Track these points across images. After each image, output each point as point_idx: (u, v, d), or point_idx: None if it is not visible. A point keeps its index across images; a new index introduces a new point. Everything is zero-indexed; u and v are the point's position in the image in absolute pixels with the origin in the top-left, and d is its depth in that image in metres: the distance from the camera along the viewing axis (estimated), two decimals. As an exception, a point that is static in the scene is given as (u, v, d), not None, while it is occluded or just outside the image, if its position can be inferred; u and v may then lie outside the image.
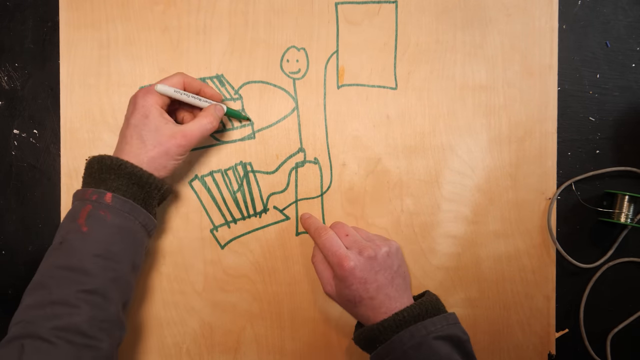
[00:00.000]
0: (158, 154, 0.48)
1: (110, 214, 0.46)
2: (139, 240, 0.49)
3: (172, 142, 0.48)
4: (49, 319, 0.41)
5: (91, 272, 0.44)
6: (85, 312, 0.43)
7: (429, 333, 0.45)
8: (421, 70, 0.57)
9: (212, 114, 0.51)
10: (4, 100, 0.59)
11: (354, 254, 0.48)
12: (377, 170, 0.58)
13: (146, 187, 0.48)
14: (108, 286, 0.45)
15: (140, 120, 0.48)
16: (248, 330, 0.58)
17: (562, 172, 0.58)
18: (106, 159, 0.47)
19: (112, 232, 0.46)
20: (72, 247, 0.45)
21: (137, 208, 0.48)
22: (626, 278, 0.59)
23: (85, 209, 0.46)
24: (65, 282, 0.43)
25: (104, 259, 0.45)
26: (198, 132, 0.49)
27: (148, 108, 0.48)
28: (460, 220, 0.58)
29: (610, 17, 0.58)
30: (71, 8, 0.57)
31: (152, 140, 0.48)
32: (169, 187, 0.51)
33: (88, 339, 0.42)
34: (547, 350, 0.58)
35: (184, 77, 0.51)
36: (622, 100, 0.58)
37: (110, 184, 0.47)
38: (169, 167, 0.49)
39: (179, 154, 0.49)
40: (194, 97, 0.52)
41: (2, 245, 0.60)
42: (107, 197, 0.46)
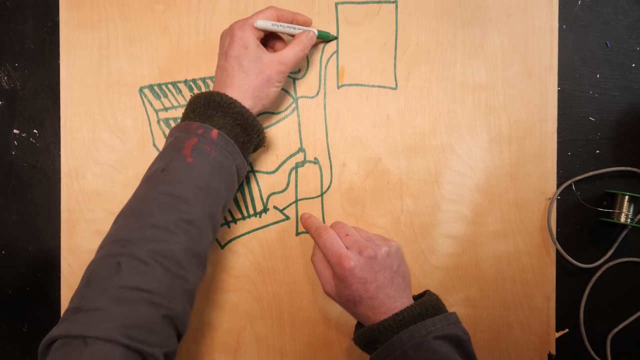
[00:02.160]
0: (261, 82, 0.49)
1: (214, 150, 0.46)
2: (233, 183, 0.49)
3: (273, 69, 0.49)
4: (149, 242, 0.41)
5: (192, 203, 0.44)
6: (182, 241, 0.42)
7: (429, 333, 0.45)
8: (421, 70, 0.57)
9: (304, 41, 0.52)
10: (4, 100, 0.59)
11: (353, 254, 0.48)
12: (377, 170, 0.58)
13: (248, 130, 0.48)
14: (205, 220, 0.45)
15: (239, 51, 0.49)
16: (248, 330, 0.58)
17: (562, 172, 0.58)
18: (215, 95, 0.47)
19: (214, 168, 0.46)
20: (176, 175, 0.44)
21: (236, 150, 0.48)
22: (626, 278, 0.59)
23: (191, 141, 0.45)
24: (167, 209, 0.43)
25: (205, 192, 0.45)
26: (293, 58, 0.51)
27: (246, 39, 0.49)
28: (460, 220, 0.58)
29: (610, 17, 0.58)
30: (71, 8, 0.57)
31: (254, 70, 0.49)
32: (265, 136, 0.52)
33: (181, 268, 0.42)
34: (547, 350, 0.58)
35: (277, 10, 0.52)
36: (622, 100, 0.58)
37: (216, 120, 0.47)
38: (271, 94, 0.50)
39: (278, 81, 0.50)
40: (289, 26, 0.52)
41: (2, 245, 0.60)
42: (213, 133, 0.46)
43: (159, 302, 0.40)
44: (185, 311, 0.43)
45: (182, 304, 0.42)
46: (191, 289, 0.43)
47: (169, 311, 0.40)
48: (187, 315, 0.43)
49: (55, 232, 0.59)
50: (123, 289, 0.39)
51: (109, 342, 0.36)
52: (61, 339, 0.37)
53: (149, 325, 0.39)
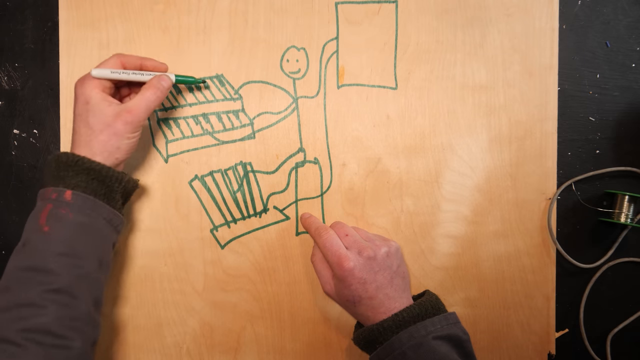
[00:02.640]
0: (107, 136, 0.47)
1: (71, 212, 0.45)
2: (105, 237, 0.48)
3: (119, 121, 0.47)
4: (16, 321, 0.41)
5: (55, 271, 0.43)
6: (52, 312, 0.42)
7: (428, 333, 0.45)
8: (421, 70, 0.57)
9: (155, 84, 0.50)
10: (4, 100, 0.59)
11: (353, 254, 0.48)
12: (377, 170, 0.58)
13: (107, 181, 0.47)
14: (74, 284, 0.44)
15: (82, 107, 0.47)
16: (248, 330, 0.58)
17: (562, 172, 0.58)
18: (62, 156, 0.46)
19: (74, 230, 0.45)
20: (34, 247, 0.44)
21: (99, 204, 0.47)
22: (626, 278, 0.59)
23: (46, 209, 0.45)
24: (29, 283, 0.42)
25: (68, 257, 0.44)
26: (143, 105, 0.48)
27: (87, 94, 0.47)
28: (460, 220, 0.58)
29: (610, 17, 0.58)
30: (71, 7, 0.57)
31: (98, 124, 0.47)
32: (131, 179, 0.50)
33: (58, 338, 0.42)
34: (547, 350, 0.58)
35: (120, 57, 0.50)
36: (622, 100, 0.58)
37: (69, 181, 0.46)
38: (122, 147, 0.48)
39: (128, 132, 0.48)
40: (134, 73, 0.51)
41: (2, 245, 0.60)
42: (66, 195, 0.45)
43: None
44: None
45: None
46: (77, 354, 0.43)
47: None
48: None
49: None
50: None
51: None
52: None
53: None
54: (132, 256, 0.57)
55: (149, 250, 0.57)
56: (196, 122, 0.58)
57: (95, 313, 0.47)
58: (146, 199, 0.57)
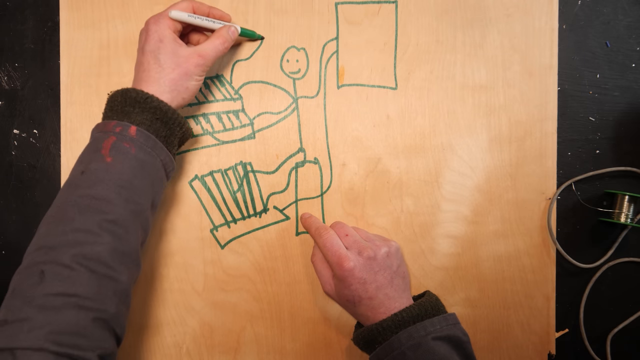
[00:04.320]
0: (178, 76, 0.48)
1: (134, 147, 0.45)
2: (159, 179, 0.48)
3: (190, 62, 0.48)
4: (72, 246, 0.40)
5: (114, 202, 0.43)
6: (107, 242, 0.42)
7: (427, 334, 0.45)
8: (421, 70, 0.57)
9: (224, 35, 0.51)
10: (4, 100, 0.59)
11: (353, 254, 0.48)
12: (377, 170, 0.58)
13: (169, 124, 0.48)
14: (129, 219, 0.44)
15: (155, 45, 0.48)
16: (248, 330, 0.58)
17: (562, 172, 0.58)
18: (131, 91, 0.46)
19: (135, 166, 0.45)
20: (95, 176, 0.43)
21: (159, 145, 0.47)
22: (626, 278, 0.59)
23: (109, 140, 0.45)
24: (88, 211, 0.42)
25: (127, 191, 0.44)
26: (212, 51, 0.50)
27: (162, 32, 0.48)
28: (460, 220, 0.58)
29: (610, 17, 0.58)
30: (71, 8, 0.57)
31: (170, 63, 0.47)
32: (189, 128, 0.51)
33: (109, 269, 0.41)
34: (547, 350, 0.58)
35: (192, 2, 0.51)
36: (622, 100, 0.58)
37: (134, 117, 0.46)
38: (190, 87, 0.49)
39: (198, 74, 0.49)
40: (207, 19, 0.52)
41: (2, 245, 0.60)
42: (131, 130, 0.45)
43: (88, 306, 0.39)
44: (120, 312, 0.42)
45: (115, 304, 0.42)
46: (123, 289, 0.43)
47: (100, 313, 0.40)
48: (123, 315, 0.43)
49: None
50: (48, 296, 0.38)
51: (38, 351, 0.36)
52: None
53: (78, 330, 0.38)
54: (132, 256, 0.57)
55: (149, 250, 0.57)
56: (196, 122, 0.58)
57: (140, 253, 0.46)
58: (146, 199, 0.57)
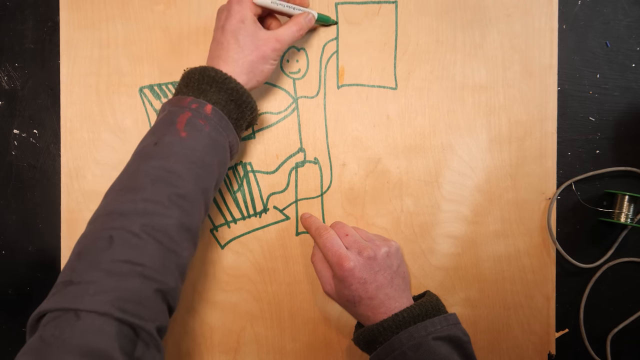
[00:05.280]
0: (257, 58, 0.48)
1: (208, 125, 0.45)
2: (226, 159, 0.48)
3: (269, 46, 0.49)
4: (142, 215, 0.40)
5: (186, 177, 0.43)
6: (176, 216, 0.42)
7: (428, 334, 0.45)
8: (421, 70, 0.57)
9: (301, 22, 0.51)
10: (4, 100, 0.59)
11: (353, 254, 0.48)
12: (377, 170, 0.58)
13: (242, 107, 0.48)
14: (197, 195, 0.44)
15: (236, 25, 0.48)
16: (248, 330, 0.58)
17: (562, 172, 0.58)
18: (210, 70, 0.47)
19: (207, 144, 0.45)
20: (169, 149, 0.44)
21: (230, 126, 0.47)
22: (626, 278, 0.59)
23: (185, 115, 0.45)
24: (160, 182, 0.42)
25: (198, 168, 0.44)
26: (289, 37, 0.50)
27: (244, 13, 0.48)
28: (460, 220, 0.58)
29: (610, 17, 0.58)
30: (71, 8, 0.57)
31: (250, 45, 0.48)
32: (258, 113, 0.52)
33: (174, 243, 0.41)
34: (547, 350, 0.58)
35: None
36: (622, 100, 0.58)
37: (210, 96, 0.46)
38: (265, 71, 0.50)
39: (274, 58, 0.50)
40: (288, 5, 0.52)
41: (2, 245, 0.60)
42: (207, 109, 0.45)
43: (152, 276, 0.39)
44: (177, 286, 0.42)
45: (175, 278, 0.42)
46: (183, 264, 0.43)
47: (162, 285, 0.40)
48: (179, 290, 0.43)
49: (55, 232, 0.59)
50: (116, 262, 0.38)
51: (102, 316, 0.36)
52: (52, 312, 0.36)
53: (141, 299, 0.38)
54: (132, 256, 0.57)
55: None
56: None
57: (198, 232, 0.46)
58: (146, 199, 0.57)
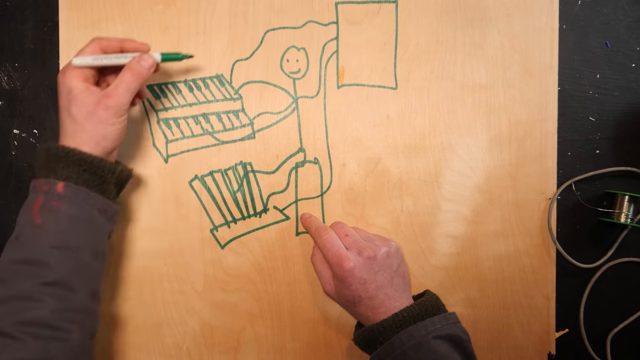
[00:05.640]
0: (92, 125, 0.46)
1: (64, 204, 0.44)
2: (99, 227, 0.48)
3: (100, 107, 0.46)
4: (12, 314, 0.41)
5: (50, 264, 0.43)
6: (48, 305, 0.42)
7: (428, 333, 0.45)
8: (421, 70, 0.57)
9: (133, 66, 0.48)
10: (4, 100, 0.59)
11: (353, 255, 0.48)
12: (377, 170, 0.58)
13: (99, 172, 0.46)
14: (70, 276, 0.44)
15: (65, 98, 0.46)
16: (248, 330, 0.58)
17: (562, 172, 0.58)
18: (52, 147, 0.46)
19: (67, 223, 0.45)
20: (28, 240, 0.44)
21: (91, 195, 0.46)
22: (626, 278, 0.59)
23: (38, 201, 0.45)
24: (24, 277, 0.42)
25: (62, 250, 0.44)
26: (122, 88, 0.47)
27: (69, 84, 0.46)
28: (460, 220, 0.58)
29: (610, 17, 0.58)
30: (71, 8, 0.57)
31: (81, 114, 0.46)
32: (124, 169, 0.50)
33: (55, 330, 0.41)
34: (547, 350, 0.58)
35: (100, 42, 0.49)
36: (622, 100, 0.58)
37: (60, 172, 0.45)
38: (109, 135, 0.47)
39: (112, 117, 0.46)
40: (115, 57, 0.49)
41: (2, 245, 0.59)
42: (58, 187, 0.45)
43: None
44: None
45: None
46: (76, 346, 0.43)
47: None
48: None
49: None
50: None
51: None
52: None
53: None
54: (132, 256, 0.57)
55: (149, 250, 0.57)
56: (196, 122, 0.58)
57: (93, 303, 0.46)
58: (146, 199, 0.57)
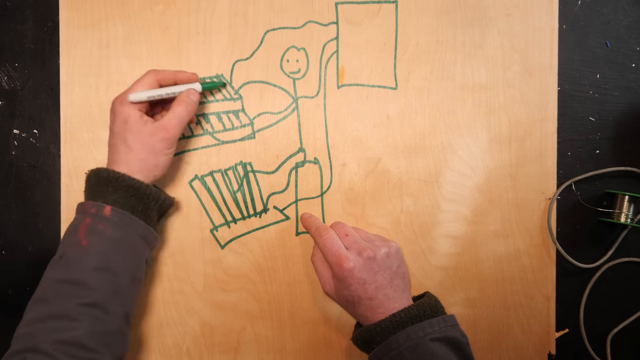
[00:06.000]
0: (146, 155, 0.49)
1: (109, 227, 0.47)
2: (139, 253, 0.50)
3: (155, 139, 0.49)
4: (50, 333, 0.42)
5: (91, 285, 0.45)
6: (86, 326, 0.43)
7: (425, 334, 0.45)
8: (421, 70, 0.57)
9: (184, 99, 0.51)
10: (4, 100, 0.59)
11: (353, 255, 0.48)
12: (377, 170, 0.58)
13: (144, 199, 0.49)
14: (108, 299, 0.46)
15: (121, 126, 0.49)
16: (248, 330, 0.58)
17: (562, 172, 0.58)
18: (102, 171, 0.48)
19: (111, 245, 0.47)
20: (72, 260, 0.46)
21: (135, 220, 0.49)
22: (626, 278, 0.59)
23: (85, 223, 0.47)
24: (65, 296, 0.44)
25: (103, 272, 0.46)
26: (176, 121, 0.50)
27: (126, 113, 0.49)
28: (460, 220, 0.58)
29: (610, 17, 0.58)
30: (71, 8, 0.57)
31: (137, 143, 0.49)
32: (167, 198, 0.53)
33: (89, 352, 0.43)
34: (547, 350, 0.58)
35: (156, 75, 0.52)
36: (622, 100, 0.58)
37: (108, 196, 0.48)
38: (160, 164, 0.50)
39: (165, 149, 0.50)
40: (168, 89, 0.52)
41: (2, 245, 0.60)
42: (105, 210, 0.47)
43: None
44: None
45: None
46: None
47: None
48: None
49: (55, 232, 0.59)
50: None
51: None
52: None
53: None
54: (132, 256, 0.57)
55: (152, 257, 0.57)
56: (196, 122, 0.58)
57: (125, 328, 0.48)
58: (146, 199, 0.57)
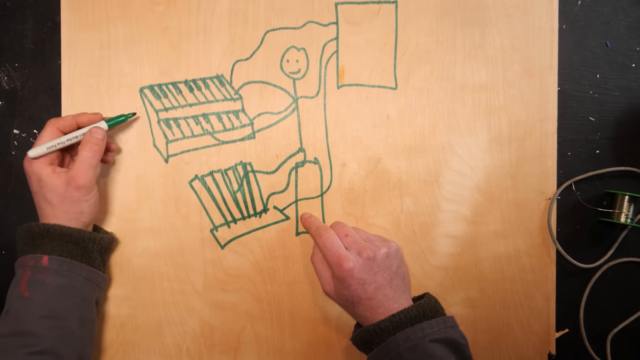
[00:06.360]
0: (68, 206, 0.50)
1: (49, 276, 0.48)
2: (85, 295, 0.50)
3: (71, 189, 0.49)
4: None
5: (38, 334, 0.46)
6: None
7: (425, 335, 0.45)
8: (421, 70, 0.57)
9: (88, 140, 0.51)
10: (4, 100, 0.59)
11: (353, 255, 0.48)
12: (377, 170, 0.58)
13: (80, 243, 0.50)
14: (58, 345, 0.46)
15: (37, 185, 0.50)
16: (248, 330, 0.58)
17: (562, 172, 0.58)
18: (34, 227, 0.50)
19: (54, 293, 0.48)
20: (16, 313, 0.47)
21: (76, 265, 0.50)
22: (626, 278, 0.59)
23: (25, 276, 0.48)
24: (12, 348, 0.45)
25: (49, 319, 0.47)
26: (85, 166, 0.50)
27: (37, 172, 0.50)
28: (460, 220, 0.58)
29: (610, 17, 0.58)
30: (72, 9, 0.57)
31: (55, 198, 0.49)
32: (105, 237, 0.53)
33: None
34: (547, 350, 0.58)
35: (55, 123, 0.52)
36: (622, 100, 0.58)
37: (45, 247, 0.49)
38: (85, 210, 0.51)
39: (84, 196, 0.50)
40: (70, 136, 0.52)
41: (2, 245, 0.60)
42: (44, 260, 0.48)
43: None
44: None
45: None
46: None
47: None
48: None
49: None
50: None
51: None
52: None
53: None
54: (132, 256, 0.58)
55: (149, 250, 0.57)
56: (196, 122, 0.58)
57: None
58: (146, 199, 0.57)
